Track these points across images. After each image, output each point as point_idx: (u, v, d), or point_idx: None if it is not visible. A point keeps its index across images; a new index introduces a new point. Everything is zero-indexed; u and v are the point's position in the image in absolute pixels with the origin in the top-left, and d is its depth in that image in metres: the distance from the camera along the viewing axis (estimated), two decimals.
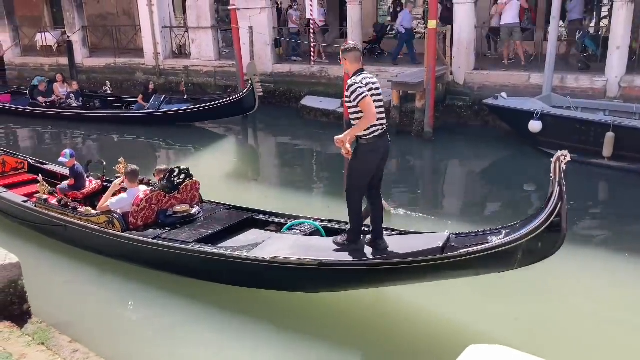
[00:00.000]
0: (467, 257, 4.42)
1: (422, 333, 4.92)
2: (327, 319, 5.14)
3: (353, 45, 4.68)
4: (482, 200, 8.30)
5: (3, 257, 4.40)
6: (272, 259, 4.90)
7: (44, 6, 20.33)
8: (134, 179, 6.02)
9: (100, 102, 13.50)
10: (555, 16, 10.18)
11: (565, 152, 4.07)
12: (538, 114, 9.19)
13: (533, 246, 4.25)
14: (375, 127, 4.51)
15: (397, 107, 11.17)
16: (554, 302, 5.40)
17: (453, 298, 5.30)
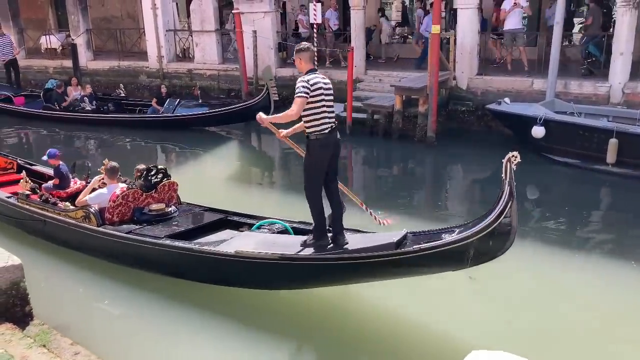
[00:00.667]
0: (419, 254, 4.53)
1: (389, 333, 4.99)
2: (294, 318, 5.24)
3: (307, 46, 4.94)
4: (484, 206, 8.24)
5: (5, 259, 4.40)
6: (236, 253, 5.04)
7: (49, 9, 20.40)
8: (113, 175, 6.16)
9: (114, 105, 13.49)
10: (558, 22, 10.18)
11: (515, 153, 4.21)
12: (541, 119, 9.18)
13: (484, 245, 4.34)
14: (321, 124, 4.73)
15: (400, 111, 11.17)
16: (552, 308, 5.39)
17: (423, 298, 5.42)
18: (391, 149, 11.24)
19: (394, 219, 6.68)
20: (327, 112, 4.76)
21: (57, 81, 14.21)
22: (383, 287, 5.29)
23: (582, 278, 6.07)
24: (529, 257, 6.54)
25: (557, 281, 5.94)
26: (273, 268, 5.04)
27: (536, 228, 7.45)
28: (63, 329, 4.62)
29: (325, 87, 4.77)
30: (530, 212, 8.06)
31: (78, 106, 13.28)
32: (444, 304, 5.36)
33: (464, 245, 4.36)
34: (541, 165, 9.56)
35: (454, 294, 5.38)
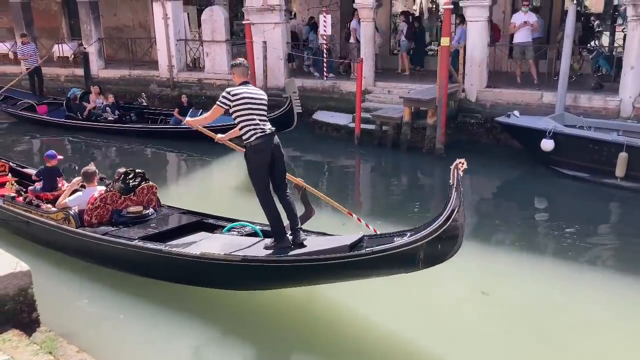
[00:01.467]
0: (371, 257, 4.69)
1: (352, 334, 5.14)
2: (263, 318, 5.40)
3: (240, 62, 5.38)
4: (492, 219, 8.22)
5: (14, 265, 4.42)
6: (201, 254, 5.24)
7: (62, 18, 20.66)
8: (90, 178, 6.38)
9: (136, 114, 13.47)
10: (569, 35, 10.17)
11: (462, 160, 4.33)
12: (550, 132, 9.15)
13: (433, 248, 4.50)
14: (251, 132, 5.09)
15: (408, 123, 11.17)
16: (555, 322, 5.34)
17: (384, 302, 5.59)
18: (399, 160, 11.23)
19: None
20: (256, 120, 5.10)
21: (79, 90, 14.20)
22: (349, 288, 5.46)
23: (589, 293, 6.02)
24: (536, 269, 6.51)
25: (565, 295, 5.89)
26: (236, 269, 5.21)
27: (544, 241, 7.41)
28: (69, 337, 4.62)
29: (253, 98, 5.14)
30: (538, 225, 8.02)
31: (100, 115, 13.24)
32: (371, 301, 5.53)
33: (414, 248, 4.53)
34: (550, 178, 9.51)
35: (384, 291, 5.55)
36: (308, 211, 5.81)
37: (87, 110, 13.43)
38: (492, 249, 7.12)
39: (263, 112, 5.20)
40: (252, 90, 5.23)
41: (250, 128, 5.10)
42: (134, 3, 19.62)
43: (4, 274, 4.31)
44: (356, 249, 4.95)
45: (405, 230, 4.93)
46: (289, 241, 5.27)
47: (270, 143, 5.15)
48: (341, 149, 11.75)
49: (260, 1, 13.93)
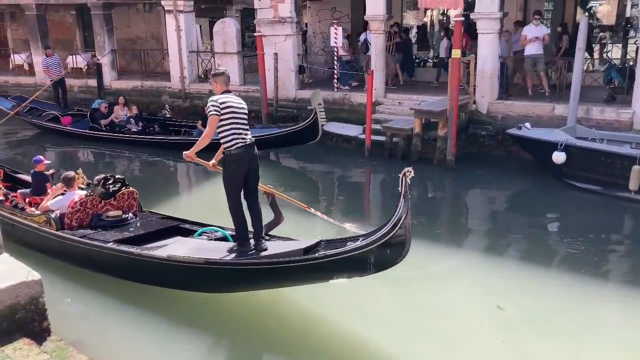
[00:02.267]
0: (322, 261, 4.93)
1: (317, 336, 5.31)
2: (229, 320, 5.63)
3: (222, 71, 5.52)
4: (505, 232, 8.14)
5: (26, 274, 4.43)
6: (168, 257, 5.45)
7: (76, 30, 20.91)
8: (70, 183, 6.64)
9: (159, 126, 13.44)
10: (580, 47, 10.14)
11: (410, 169, 4.56)
12: (562, 145, 9.09)
13: (382, 252, 4.72)
14: (233, 141, 5.21)
15: (419, 134, 11.16)
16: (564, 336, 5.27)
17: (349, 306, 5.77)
18: None
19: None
20: (239, 130, 5.24)
21: (104, 101, 14.18)
22: (317, 291, 5.65)
23: (606, 308, 5.96)
24: (552, 284, 6.46)
25: (581, 310, 5.84)
26: (199, 271, 5.41)
27: (558, 255, 7.34)
28: (80, 346, 4.63)
29: (236, 107, 5.28)
30: (551, 239, 7.95)
31: (124, 127, 13.22)
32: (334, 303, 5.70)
33: (364, 253, 4.75)
34: (562, 191, 9.44)
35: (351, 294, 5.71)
36: (277, 217, 5.99)
37: (108, 120, 13.35)
38: (506, 263, 7.08)
39: (244, 121, 5.36)
40: (235, 99, 5.37)
41: (232, 137, 5.23)
42: (147, 15, 19.84)
43: (16, 282, 4.32)
44: (312, 254, 5.15)
45: (358, 235, 5.16)
46: (250, 246, 5.48)
47: (250, 153, 5.32)
48: (351, 160, 11.75)
49: (271, 13, 14.04)
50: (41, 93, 15.38)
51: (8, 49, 20.93)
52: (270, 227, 5.92)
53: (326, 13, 17.57)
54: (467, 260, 7.17)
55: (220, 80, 5.41)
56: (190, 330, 5.43)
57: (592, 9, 17.33)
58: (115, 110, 13.63)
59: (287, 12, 13.82)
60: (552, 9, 14.95)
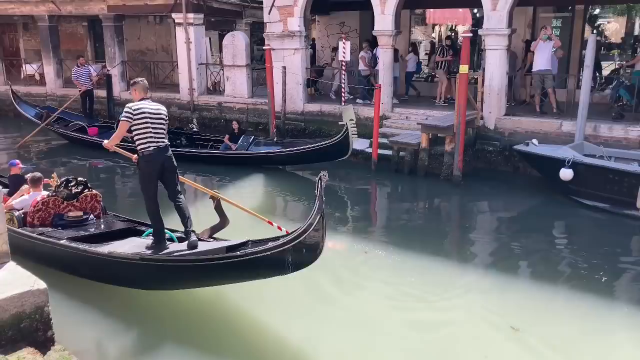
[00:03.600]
0: (242, 259, 5.20)
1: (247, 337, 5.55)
2: (171, 317, 5.85)
3: (141, 80, 6.05)
4: (513, 250, 8.05)
5: (31, 283, 4.45)
6: (108, 253, 5.75)
7: (88, 41, 21.16)
8: (36, 184, 6.96)
9: (186, 139, 13.23)
10: (588, 65, 10.14)
11: (325, 173, 4.90)
12: (569, 162, 9.06)
13: (298, 252, 4.99)
14: (146, 143, 5.62)
15: (426, 149, 11.16)
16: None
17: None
18: (416, 186, 11.18)
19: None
20: (152, 133, 5.62)
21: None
22: (259, 289, 5.90)
23: (615, 326, 5.90)
24: (564, 304, 6.41)
25: (594, 330, 5.79)
26: (138, 268, 5.65)
27: (568, 274, 7.26)
28: (84, 355, 4.64)
29: (152, 113, 5.68)
30: (560, 257, 7.85)
31: None
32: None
33: (282, 252, 5.02)
34: (569, 208, 9.39)
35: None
36: (222, 221, 6.23)
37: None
38: (516, 281, 7.00)
39: (160, 125, 5.73)
40: (151, 106, 5.77)
41: (145, 140, 5.63)
42: (157, 27, 20.05)
43: (21, 291, 4.35)
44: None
45: (279, 236, 5.38)
46: (165, 245, 5.85)
47: (161, 156, 5.70)
48: (358, 174, 11.75)
49: (280, 27, 14.15)
50: (70, 104, 15.28)
51: (20, 59, 21.17)
52: (215, 229, 6.20)
53: (335, 27, 17.71)
54: (476, 278, 7.12)
55: (139, 88, 5.92)
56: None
57: (601, 27, 17.37)
58: None
59: (296, 26, 13.93)
60: (560, 26, 14.99)
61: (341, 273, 7.01)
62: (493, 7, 11.35)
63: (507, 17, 11.28)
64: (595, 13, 17.26)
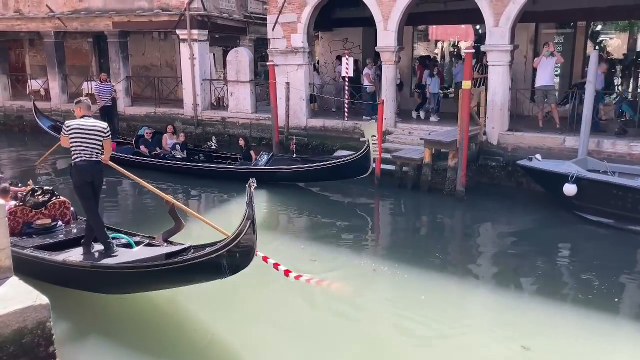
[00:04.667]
0: (179, 265, 5.48)
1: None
2: (124, 321, 6.08)
3: (82, 99, 6.53)
4: (515, 267, 7.98)
5: (34, 298, 4.44)
6: (63, 261, 5.99)
7: (92, 57, 21.34)
8: (3, 195, 6.93)
9: (204, 156, 13.21)
10: (591, 80, 10.17)
11: (253, 179, 5.16)
12: (573, 177, 9.05)
13: (233, 257, 5.26)
14: (76, 155, 6.09)
15: (429, 164, 11.16)
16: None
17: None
18: (419, 201, 11.16)
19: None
20: (82, 147, 6.08)
21: (148, 127, 13.97)
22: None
23: (617, 346, 5.83)
24: (563, 319, 6.35)
25: (603, 349, 5.73)
26: (91, 275, 5.96)
27: (575, 291, 7.18)
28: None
29: (84, 129, 6.13)
30: (566, 274, 7.81)
31: (169, 154, 13.01)
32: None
33: (218, 257, 5.29)
34: (573, 224, 9.36)
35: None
36: (177, 225, 6.57)
37: (161, 150, 13.11)
38: (525, 299, 6.93)
39: (91, 141, 6.13)
40: (85, 123, 6.20)
41: (76, 152, 6.11)
42: (161, 43, 20.21)
43: (24, 306, 4.33)
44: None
45: (216, 242, 5.55)
46: (90, 248, 6.20)
47: (89, 168, 6.12)
48: (361, 189, 11.73)
49: (284, 43, 14.26)
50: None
51: (25, 74, 21.34)
52: (171, 233, 6.54)
53: (338, 44, 17.83)
54: (485, 296, 7.07)
55: (82, 106, 6.38)
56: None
57: (603, 43, 17.43)
58: (164, 138, 13.37)
59: (300, 42, 14.04)
60: (562, 42, 15.07)
61: (350, 290, 6.98)
62: (495, 24, 11.42)
63: (510, 33, 11.36)
64: (597, 29, 17.33)
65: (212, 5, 16.55)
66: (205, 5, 16.01)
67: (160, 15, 16.23)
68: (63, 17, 17.54)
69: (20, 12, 18.30)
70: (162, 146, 13.27)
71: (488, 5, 11.45)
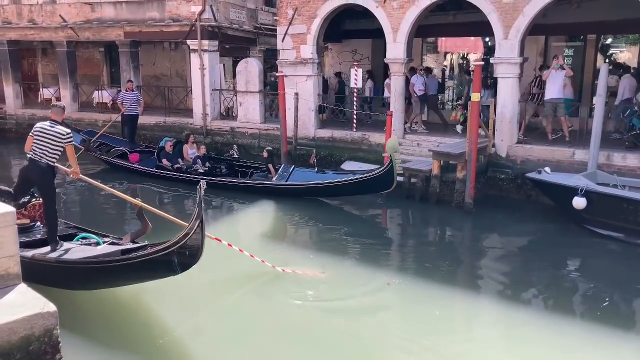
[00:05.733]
0: (132, 261, 5.83)
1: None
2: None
3: (57, 104, 7.07)
4: (523, 282, 7.88)
5: (42, 306, 4.45)
6: (32, 257, 6.23)
7: (104, 66, 21.55)
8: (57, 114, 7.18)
9: (226, 167, 13.04)
10: (601, 94, 10.13)
11: (204, 182, 5.53)
12: (582, 190, 8.98)
13: (182, 255, 5.60)
14: (32, 153, 6.56)
15: (437, 176, 11.13)
16: None
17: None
18: (427, 213, 11.11)
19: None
20: (36, 147, 6.55)
21: (170, 139, 13.81)
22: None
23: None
24: (569, 336, 6.28)
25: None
26: (57, 270, 6.22)
27: (586, 308, 7.11)
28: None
29: (43, 133, 6.54)
30: (573, 290, 7.72)
31: (190, 167, 12.84)
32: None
33: (168, 254, 5.62)
34: (583, 237, 9.27)
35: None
36: (144, 227, 6.85)
37: (183, 162, 12.99)
38: (534, 314, 6.86)
39: (45, 143, 6.55)
40: (48, 128, 6.61)
41: (32, 151, 6.58)
42: (172, 53, 20.39)
43: (31, 313, 4.34)
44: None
45: (167, 240, 5.81)
46: (56, 244, 6.52)
47: (32, 167, 6.63)
48: (369, 200, 11.70)
49: (293, 54, 14.34)
50: (108, 128, 15.12)
51: (38, 83, 21.57)
52: (138, 234, 6.88)
53: (347, 55, 17.91)
54: (497, 312, 7.01)
55: (53, 111, 6.87)
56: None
57: (613, 56, 17.37)
58: (185, 149, 13.22)
59: (309, 53, 14.12)
60: (572, 55, 15.04)
61: (364, 304, 7.00)
62: (505, 36, 11.43)
63: (519, 45, 11.36)
64: (608, 42, 17.28)
65: (223, 16, 16.71)
66: (216, 16, 16.17)
67: (171, 25, 16.39)
68: (76, 27, 17.75)
69: (34, 22, 18.55)
70: (183, 157, 13.14)
71: (498, 18, 11.47)
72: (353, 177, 11.14)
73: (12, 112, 19.84)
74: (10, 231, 4.70)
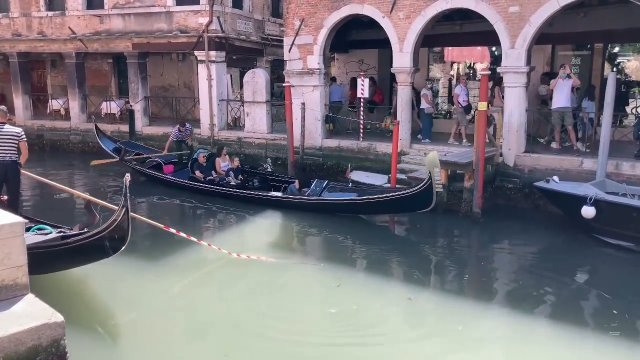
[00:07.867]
0: (72, 245, 6.46)
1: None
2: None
3: (1, 108, 8.07)
4: (531, 293, 7.76)
5: (49, 316, 4.45)
6: None
7: (112, 77, 21.71)
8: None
9: (259, 180, 12.85)
10: (609, 102, 10.09)
11: (128, 175, 6.21)
12: (591, 199, 8.92)
13: (112, 239, 6.36)
14: None
15: (445, 186, 11.09)
16: None
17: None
18: (436, 223, 11.05)
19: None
20: (1, 150, 7.77)
21: (203, 151, 13.70)
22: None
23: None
24: (581, 348, 6.21)
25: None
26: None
27: (596, 319, 7.03)
28: None
29: (2, 135, 7.77)
30: (582, 300, 7.65)
31: (223, 180, 12.67)
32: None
33: (100, 238, 6.35)
34: (592, 247, 9.20)
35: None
36: (92, 217, 7.51)
37: (216, 175, 12.84)
38: (543, 325, 6.79)
39: (7, 144, 7.81)
40: (5, 129, 7.83)
41: None
42: (180, 64, 20.51)
43: (39, 324, 4.34)
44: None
45: (100, 226, 6.44)
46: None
47: (2, 168, 7.74)
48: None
49: (300, 65, 14.40)
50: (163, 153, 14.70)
51: (47, 94, 21.77)
52: (87, 225, 7.42)
53: (353, 65, 17.95)
54: (495, 322, 6.96)
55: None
56: None
57: (620, 65, 17.35)
58: (217, 162, 13.03)
59: (316, 63, 14.17)
60: (579, 64, 15.01)
61: (387, 319, 6.92)
62: (511, 45, 11.43)
63: (526, 55, 11.35)
64: (615, 51, 17.25)
65: (230, 28, 16.82)
66: (224, 28, 16.28)
67: (179, 36, 16.52)
68: (84, 39, 17.92)
69: (43, 34, 18.74)
70: (216, 170, 13.01)
71: (504, 27, 11.48)
72: (389, 195, 10.51)
73: (22, 123, 19.90)
74: (18, 242, 4.71)
